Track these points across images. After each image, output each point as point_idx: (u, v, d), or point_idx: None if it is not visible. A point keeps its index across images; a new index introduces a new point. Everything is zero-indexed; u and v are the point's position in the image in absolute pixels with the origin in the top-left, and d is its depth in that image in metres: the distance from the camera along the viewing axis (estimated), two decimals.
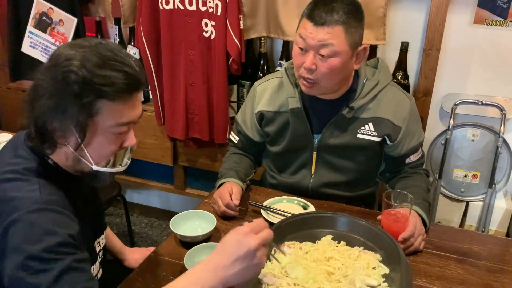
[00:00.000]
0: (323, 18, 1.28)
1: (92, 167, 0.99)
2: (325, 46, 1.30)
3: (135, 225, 2.80)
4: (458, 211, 2.11)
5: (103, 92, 0.90)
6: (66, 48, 0.93)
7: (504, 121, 1.91)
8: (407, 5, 1.90)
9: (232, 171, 1.52)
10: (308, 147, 1.52)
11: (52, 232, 0.88)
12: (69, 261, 0.87)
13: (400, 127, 1.45)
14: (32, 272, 0.84)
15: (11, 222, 0.88)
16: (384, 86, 1.45)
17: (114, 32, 2.26)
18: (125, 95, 0.93)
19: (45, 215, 0.90)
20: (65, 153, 0.98)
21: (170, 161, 2.40)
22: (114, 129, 0.96)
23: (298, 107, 1.47)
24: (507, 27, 1.82)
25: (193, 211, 1.39)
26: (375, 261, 1.14)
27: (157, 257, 1.26)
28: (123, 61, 0.93)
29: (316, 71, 1.33)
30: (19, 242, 0.86)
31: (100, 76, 0.89)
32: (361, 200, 1.60)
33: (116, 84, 0.91)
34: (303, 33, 1.32)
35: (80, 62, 0.89)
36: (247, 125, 1.60)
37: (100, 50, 0.92)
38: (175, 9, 1.98)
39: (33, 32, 2.25)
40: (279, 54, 2.08)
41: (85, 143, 0.95)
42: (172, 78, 2.11)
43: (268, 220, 1.38)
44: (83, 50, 0.91)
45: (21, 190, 0.92)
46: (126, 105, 0.95)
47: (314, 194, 1.55)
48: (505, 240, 1.42)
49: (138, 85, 0.96)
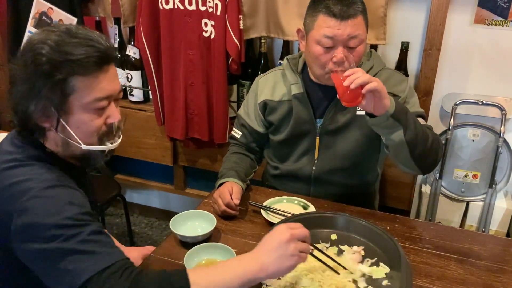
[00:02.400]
0: (347, 12, 1.30)
1: (81, 146, 1.01)
2: (354, 38, 1.33)
3: (135, 225, 2.80)
4: (458, 211, 2.11)
5: (73, 68, 0.92)
6: (35, 34, 0.97)
7: (504, 121, 1.91)
8: (408, 5, 1.90)
9: (232, 171, 1.52)
10: (311, 132, 1.53)
11: (72, 203, 0.92)
12: (94, 226, 0.92)
13: (400, 96, 1.46)
14: (62, 239, 0.87)
15: (27, 200, 0.90)
16: (379, 69, 1.50)
17: (114, 32, 2.26)
18: (96, 69, 0.95)
19: (61, 190, 0.94)
20: (54, 138, 1.01)
21: (170, 161, 2.40)
22: (93, 104, 0.97)
23: (301, 92, 1.50)
24: (508, 27, 1.82)
25: (193, 211, 1.39)
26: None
27: (157, 257, 1.26)
28: (91, 38, 0.96)
29: (346, 61, 1.34)
30: (42, 217, 0.89)
31: (69, 53, 0.92)
32: (362, 190, 1.61)
33: (85, 59, 0.93)
34: (329, 32, 1.32)
35: (48, 45, 0.92)
36: (250, 116, 1.62)
37: (68, 31, 0.96)
38: (175, 9, 1.98)
39: (33, 32, 2.24)
40: (279, 54, 2.08)
41: (68, 122, 0.97)
42: (172, 78, 2.11)
43: (268, 220, 1.38)
44: (52, 33, 0.95)
45: (29, 174, 0.95)
46: (100, 79, 0.96)
47: (316, 181, 1.57)
48: (506, 240, 1.41)
49: (107, 58, 0.98)
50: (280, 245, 0.95)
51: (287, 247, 0.95)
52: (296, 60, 1.56)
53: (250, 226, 1.39)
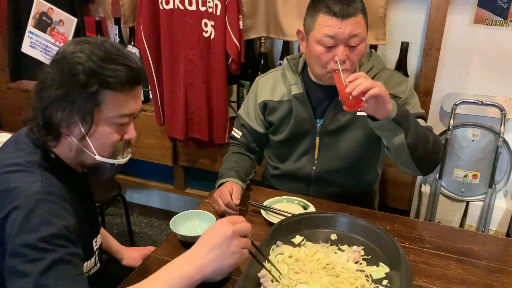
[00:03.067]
0: (348, 10, 1.31)
1: (95, 157, 1.03)
2: (354, 36, 1.33)
3: (135, 225, 2.80)
4: (458, 211, 2.11)
5: (107, 83, 0.95)
6: (72, 43, 0.99)
7: (504, 121, 1.91)
8: (407, 5, 1.90)
9: (232, 171, 1.52)
10: (311, 132, 1.53)
11: (48, 223, 0.90)
12: (61, 253, 0.89)
13: (400, 97, 1.46)
14: (25, 260, 0.86)
15: (11, 209, 0.90)
16: (380, 70, 1.50)
17: (114, 32, 2.26)
18: (127, 87, 0.99)
19: (44, 206, 0.92)
20: (69, 144, 1.02)
21: (170, 161, 2.40)
22: (116, 119, 1.01)
23: (301, 93, 1.50)
24: (507, 27, 1.82)
25: (193, 211, 1.39)
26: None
27: (157, 257, 1.26)
28: (126, 56, 0.99)
29: (348, 60, 1.35)
30: (15, 230, 0.88)
31: (105, 68, 0.95)
32: (362, 189, 1.62)
33: (120, 76, 0.96)
34: (330, 31, 1.32)
35: (86, 55, 0.95)
36: (250, 116, 1.62)
37: (105, 45, 0.98)
38: (175, 9, 1.98)
39: (33, 32, 2.25)
40: (279, 54, 2.08)
41: (89, 133, 0.99)
42: (172, 78, 2.11)
43: (268, 220, 1.38)
44: (89, 45, 0.97)
45: (23, 181, 0.95)
46: (128, 96, 1.00)
47: (316, 181, 1.57)
48: (505, 240, 1.41)
49: (139, 78, 1.02)
50: (223, 241, 0.93)
51: (228, 245, 0.93)
52: (296, 60, 1.56)
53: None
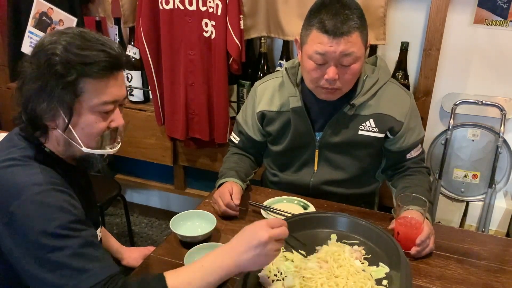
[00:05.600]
0: (341, 29, 1.25)
1: (82, 149, 1.02)
2: (347, 56, 1.29)
3: (135, 225, 2.80)
4: (458, 211, 2.11)
5: (85, 71, 0.95)
6: (48, 35, 0.99)
7: (504, 121, 1.91)
8: (407, 5, 1.90)
9: (233, 171, 1.52)
10: (310, 145, 1.52)
11: (64, 210, 0.92)
12: (85, 234, 0.92)
13: (402, 122, 1.45)
14: (49, 250, 0.88)
15: (18, 204, 0.90)
16: (384, 82, 1.46)
17: (114, 32, 2.26)
18: (107, 73, 0.98)
19: (53, 195, 0.93)
20: (56, 137, 1.02)
21: (170, 161, 2.40)
22: (99, 107, 1.00)
23: (299, 106, 1.47)
24: (507, 27, 1.82)
25: (193, 211, 1.39)
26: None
27: (157, 257, 1.26)
28: (104, 43, 0.99)
29: (339, 79, 1.32)
30: (32, 223, 0.89)
31: (82, 56, 0.94)
32: (361, 199, 1.60)
33: (98, 62, 0.95)
34: (321, 49, 1.28)
35: (62, 46, 0.95)
36: (248, 124, 1.60)
37: (82, 34, 0.98)
38: (175, 9, 1.98)
39: (33, 32, 2.25)
40: (279, 54, 2.08)
41: (72, 123, 0.99)
42: (172, 78, 2.11)
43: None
44: (65, 35, 0.97)
45: (22, 175, 0.95)
46: (109, 83, 0.99)
47: (314, 191, 1.55)
48: (505, 240, 1.42)
49: (119, 64, 1.01)
50: (258, 245, 0.96)
51: (264, 248, 0.96)
52: (295, 70, 1.51)
53: None
